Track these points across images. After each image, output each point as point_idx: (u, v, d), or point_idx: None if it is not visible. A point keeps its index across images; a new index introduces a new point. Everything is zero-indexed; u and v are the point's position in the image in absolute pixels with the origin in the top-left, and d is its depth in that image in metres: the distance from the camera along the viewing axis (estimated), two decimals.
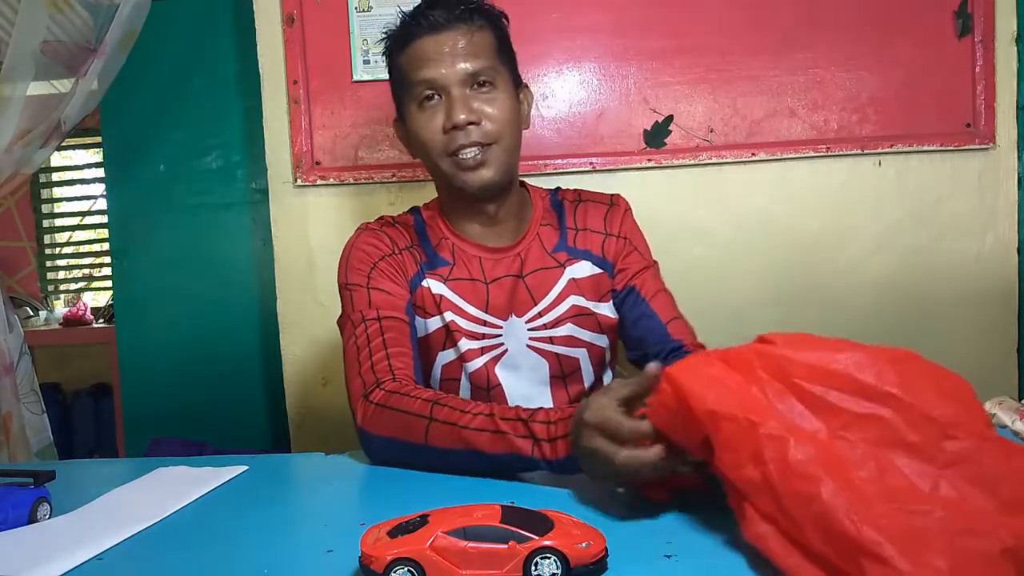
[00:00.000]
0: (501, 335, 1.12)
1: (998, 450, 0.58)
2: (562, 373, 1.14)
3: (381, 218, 1.19)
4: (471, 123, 1.05)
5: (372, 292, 1.07)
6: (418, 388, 0.96)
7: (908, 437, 0.58)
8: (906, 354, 0.64)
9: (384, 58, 1.15)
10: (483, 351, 1.12)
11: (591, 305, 1.14)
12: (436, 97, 1.07)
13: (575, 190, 1.22)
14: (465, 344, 1.11)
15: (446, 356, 1.13)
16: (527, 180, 1.23)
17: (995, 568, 0.51)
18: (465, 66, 1.05)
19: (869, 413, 0.60)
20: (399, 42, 1.10)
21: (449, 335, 1.11)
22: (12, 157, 1.58)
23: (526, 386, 1.13)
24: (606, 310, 1.15)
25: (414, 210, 1.21)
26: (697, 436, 0.65)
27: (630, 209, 1.21)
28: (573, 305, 1.13)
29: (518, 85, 1.14)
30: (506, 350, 1.12)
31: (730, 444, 0.61)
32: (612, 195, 1.21)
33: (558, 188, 1.23)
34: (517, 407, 0.87)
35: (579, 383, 1.15)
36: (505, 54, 1.12)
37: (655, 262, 1.20)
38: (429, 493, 0.84)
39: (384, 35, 1.13)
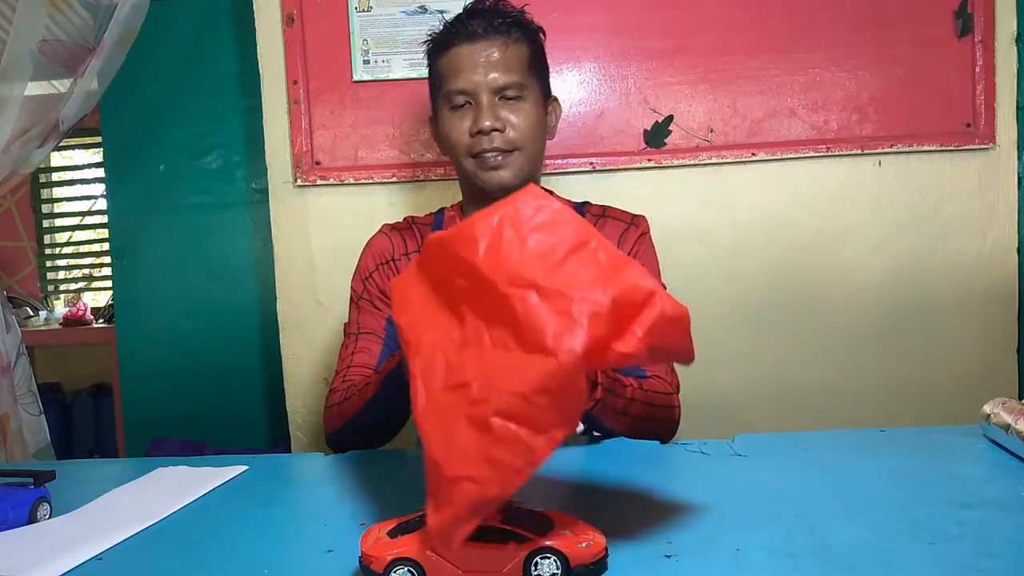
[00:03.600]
0: None
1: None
2: None
3: (406, 219, 1.26)
4: (495, 129, 1.11)
5: (362, 304, 1.18)
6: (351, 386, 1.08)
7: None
8: None
9: (425, 58, 1.21)
10: None
11: None
12: (467, 103, 1.13)
13: (602, 206, 1.24)
14: None
15: None
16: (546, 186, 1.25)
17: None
18: (496, 76, 1.11)
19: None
20: (439, 47, 1.16)
21: None
22: (10, 157, 1.58)
23: None
24: None
25: (438, 212, 1.27)
26: None
27: (648, 232, 1.22)
28: None
29: (547, 97, 1.20)
30: None
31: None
32: (636, 216, 1.23)
33: (586, 202, 1.25)
34: None
35: None
36: (537, 67, 1.17)
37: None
38: None
39: (428, 37, 1.19)
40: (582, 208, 1.23)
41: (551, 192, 1.25)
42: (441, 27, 1.17)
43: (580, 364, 0.52)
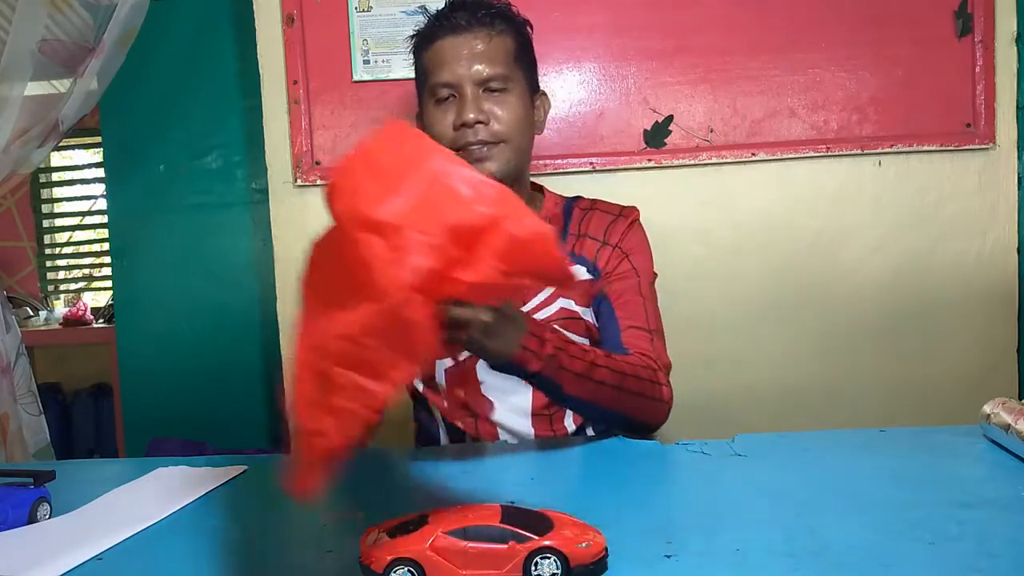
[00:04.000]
0: None
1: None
2: None
3: None
4: (479, 122, 1.08)
5: None
6: None
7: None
8: None
9: (411, 55, 1.19)
10: None
11: (580, 310, 1.14)
12: (451, 96, 1.11)
13: (592, 200, 1.22)
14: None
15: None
16: (546, 186, 1.25)
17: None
18: (479, 69, 1.09)
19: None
20: (423, 41, 1.15)
21: None
22: (10, 157, 1.58)
23: (503, 381, 1.06)
24: (592, 317, 1.15)
25: None
26: None
27: (638, 222, 1.20)
28: (562, 308, 1.13)
29: (535, 91, 1.18)
30: None
31: None
32: (625, 207, 1.21)
33: (578, 196, 1.23)
34: None
35: None
36: (523, 60, 1.14)
37: (651, 274, 1.18)
38: (429, 493, 0.84)
39: (413, 32, 1.18)
40: (573, 203, 1.22)
41: (543, 188, 1.24)
42: (425, 21, 1.16)
43: (407, 298, 0.51)
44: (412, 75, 1.64)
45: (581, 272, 1.14)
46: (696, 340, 1.65)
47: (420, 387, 1.17)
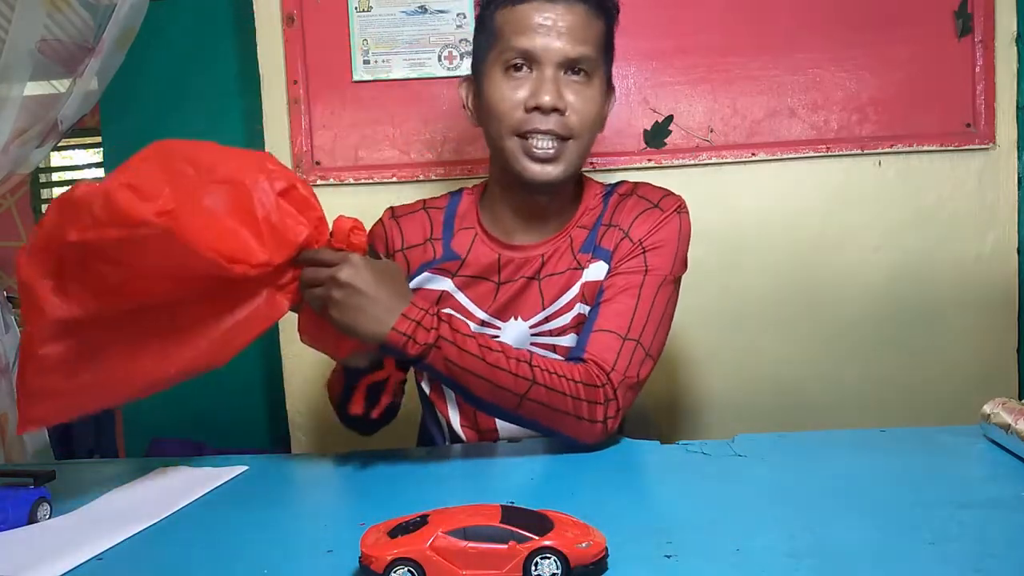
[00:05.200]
0: (499, 336, 1.07)
1: None
2: None
3: (418, 202, 1.16)
4: (555, 109, 0.98)
5: None
6: None
7: None
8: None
9: (477, 8, 1.07)
10: None
11: None
12: (526, 69, 0.99)
13: (635, 184, 1.12)
14: None
15: None
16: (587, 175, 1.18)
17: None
18: (569, 47, 0.97)
19: None
20: None
21: None
22: (8, 157, 1.58)
23: None
24: None
25: (456, 193, 1.16)
26: None
27: (677, 213, 1.07)
28: (579, 314, 1.06)
29: (610, 84, 1.09)
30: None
31: None
32: (667, 196, 1.09)
33: (621, 182, 1.13)
34: None
35: None
36: (608, 50, 1.05)
37: (667, 273, 1.05)
38: (429, 493, 0.84)
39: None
40: (613, 190, 1.12)
41: (583, 178, 1.15)
42: None
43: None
44: (412, 75, 1.66)
45: (601, 270, 1.05)
46: (696, 339, 1.65)
47: (427, 389, 1.15)
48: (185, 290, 0.81)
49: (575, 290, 1.07)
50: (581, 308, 1.06)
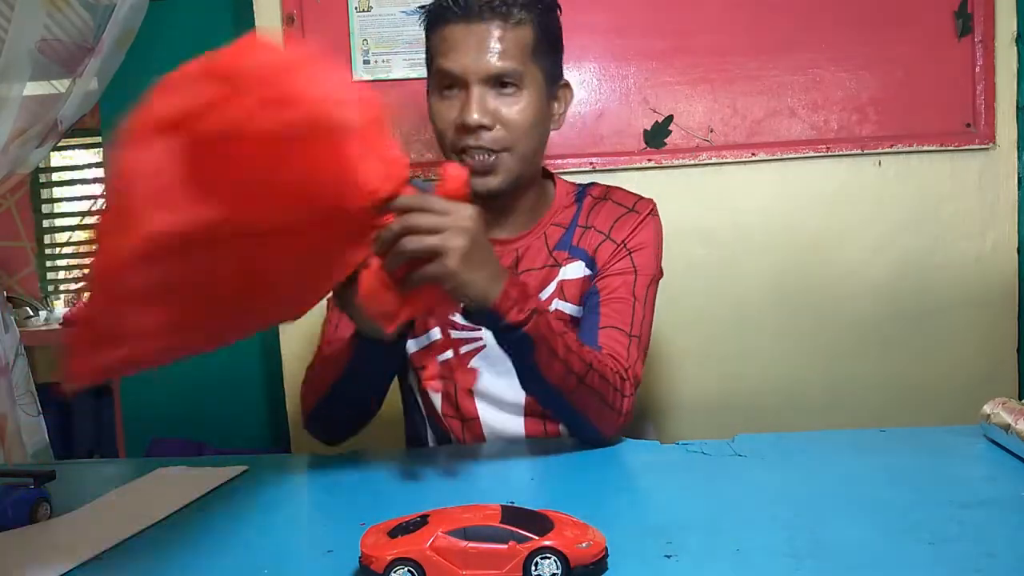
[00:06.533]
0: (480, 330, 1.05)
1: None
2: None
3: None
4: (482, 127, 0.99)
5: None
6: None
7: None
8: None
9: (422, 29, 1.08)
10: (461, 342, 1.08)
11: (575, 311, 1.08)
12: (456, 88, 1.01)
13: (606, 187, 1.15)
14: (437, 335, 1.06)
15: (419, 343, 1.09)
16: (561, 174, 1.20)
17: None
18: (489, 64, 0.99)
19: None
20: (433, 20, 1.04)
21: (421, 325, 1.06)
22: (8, 157, 1.58)
23: (495, 378, 1.06)
24: None
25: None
26: None
27: (652, 215, 1.11)
28: (556, 309, 1.08)
29: (555, 83, 1.08)
30: (484, 344, 1.07)
31: None
32: (641, 199, 1.12)
33: (592, 183, 1.16)
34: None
35: None
36: (544, 51, 1.04)
37: (653, 273, 1.09)
38: (429, 493, 0.84)
39: (420, 7, 1.06)
40: (585, 191, 1.14)
41: (554, 177, 1.17)
42: None
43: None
44: (412, 75, 1.66)
45: (578, 269, 1.08)
46: (696, 340, 1.65)
47: (415, 384, 1.14)
48: (291, 220, 0.68)
49: (552, 287, 1.09)
50: (559, 305, 1.08)
